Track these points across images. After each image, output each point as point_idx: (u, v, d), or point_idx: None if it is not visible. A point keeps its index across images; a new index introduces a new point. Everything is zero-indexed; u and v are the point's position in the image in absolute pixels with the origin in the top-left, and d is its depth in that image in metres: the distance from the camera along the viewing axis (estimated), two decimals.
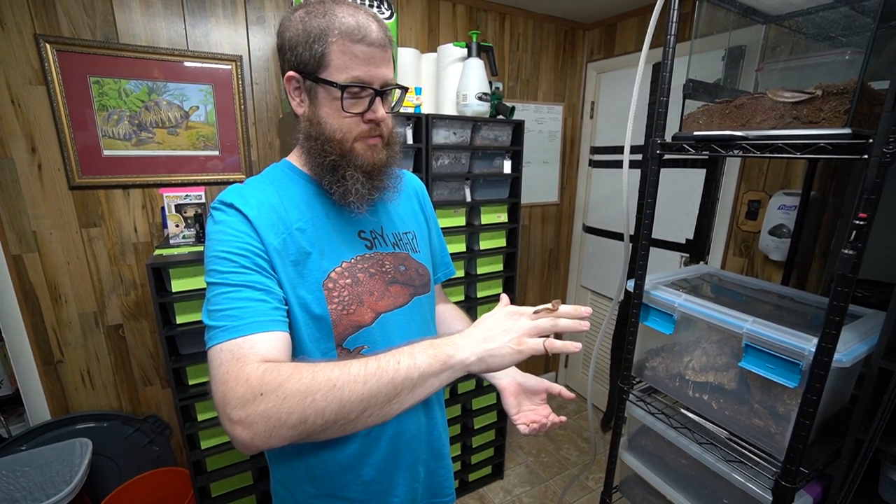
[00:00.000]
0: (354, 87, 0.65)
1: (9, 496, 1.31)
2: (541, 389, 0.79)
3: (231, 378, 0.53)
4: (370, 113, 0.67)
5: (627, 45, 2.27)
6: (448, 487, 0.89)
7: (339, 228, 0.73)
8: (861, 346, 0.84)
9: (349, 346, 0.71)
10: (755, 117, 0.91)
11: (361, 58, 0.64)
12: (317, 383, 0.52)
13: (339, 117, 0.67)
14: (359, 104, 0.67)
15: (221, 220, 0.65)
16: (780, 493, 0.86)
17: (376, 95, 0.67)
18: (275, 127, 1.77)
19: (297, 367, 0.54)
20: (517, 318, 0.60)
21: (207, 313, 0.61)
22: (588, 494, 2.06)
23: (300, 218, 0.69)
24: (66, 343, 1.57)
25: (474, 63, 1.66)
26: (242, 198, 0.66)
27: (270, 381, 0.52)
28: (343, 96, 0.65)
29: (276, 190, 0.70)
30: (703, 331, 1.10)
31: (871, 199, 0.69)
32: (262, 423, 0.51)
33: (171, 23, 1.53)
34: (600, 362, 2.59)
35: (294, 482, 0.75)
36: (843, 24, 0.94)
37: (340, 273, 0.71)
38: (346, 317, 0.70)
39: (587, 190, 2.66)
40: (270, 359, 0.56)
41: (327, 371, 0.54)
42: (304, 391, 0.52)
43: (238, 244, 0.62)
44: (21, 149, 1.41)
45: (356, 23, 0.64)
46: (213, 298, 0.61)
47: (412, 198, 0.89)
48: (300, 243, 0.68)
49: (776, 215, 1.54)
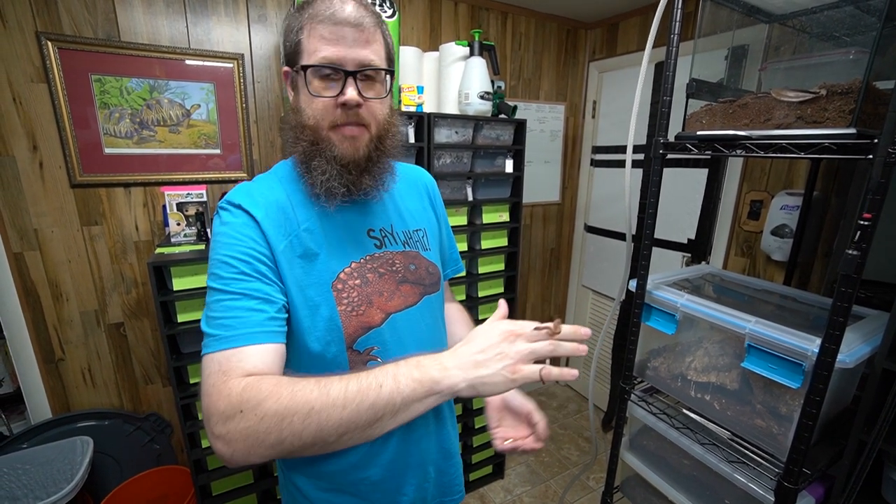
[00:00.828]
0: (325, 69, 0.62)
1: (10, 494, 1.31)
2: (523, 413, 0.77)
3: (215, 392, 0.53)
4: (341, 96, 0.64)
5: (629, 45, 2.27)
6: (458, 485, 0.88)
7: (347, 227, 0.72)
8: (864, 347, 0.84)
9: (359, 347, 0.70)
10: (759, 117, 0.91)
11: (329, 38, 0.62)
12: (294, 405, 0.51)
13: (311, 102, 0.65)
14: (330, 88, 0.64)
15: (228, 221, 0.64)
16: (783, 494, 0.86)
17: (347, 76, 0.63)
18: (276, 125, 1.77)
19: (277, 385, 0.52)
20: (513, 339, 0.56)
21: (206, 319, 0.61)
22: (588, 494, 2.06)
23: (308, 217, 0.68)
24: (67, 341, 1.57)
25: (476, 62, 1.66)
26: (250, 197, 0.65)
27: (249, 399, 0.51)
28: (307, 78, 0.63)
29: (284, 188, 0.69)
30: (705, 331, 1.10)
31: (875, 200, 0.69)
32: (240, 442, 0.51)
33: (173, 21, 1.53)
34: (601, 362, 2.59)
35: (304, 477, 0.75)
36: (847, 23, 0.94)
37: (349, 274, 0.70)
38: (356, 318, 0.69)
39: (588, 189, 2.66)
40: (256, 372, 0.55)
41: (306, 392, 0.52)
42: (282, 413, 0.51)
43: (241, 248, 0.62)
44: (22, 147, 1.41)
45: (327, 4, 0.62)
46: (212, 304, 0.61)
47: (423, 194, 0.87)
48: (308, 244, 0.67)
49: (778, 215, 1.54)
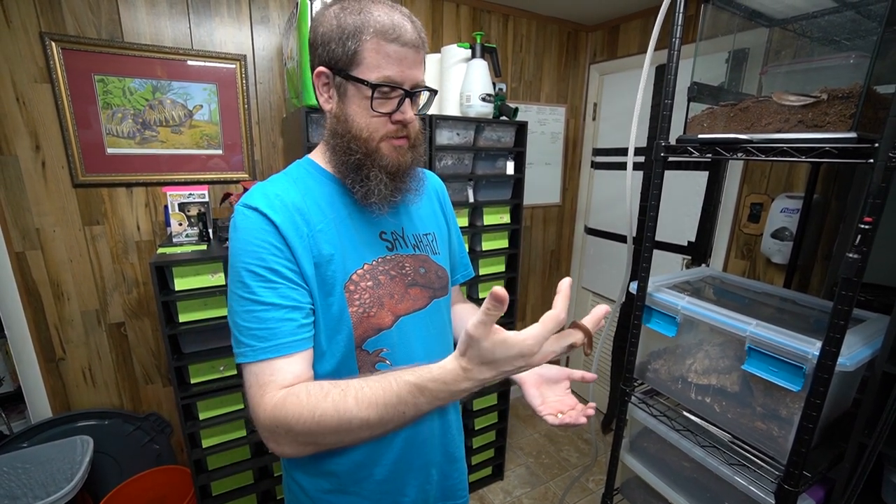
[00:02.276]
0: (385, 87, 0.65)
1: (10, 493, 1.31)
2: (562, 378, 0.76)
3: (255, 404, 0.61)
4: (399, 114, 0.67)
5: (630, 47, 2.27)
6: (462, 490, 0.88)
7: (360, 229, 0.73)
8: (865, 350, 0.84)
9: (368, 347, 0.71)
10: (760, 120, 0.91)
11: (394, 57, 0.64)
12: (320, 429, 0.58)
13: (367, 116, 0.66)
14: (388, 104, 0.66)
15: (246, 227, 0.64)
16: (783, 497, 0.86)
17: (406, 96, 0.66)
18: (278, 126, 1.77)
19: (300, 410, 0.58)
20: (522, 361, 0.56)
21: (235, 326, 0.63)
22: (588, 496, 2.05)
23: (322, 219, 0.69)
24: (68, 340, 1.58)
25: (478, 64, 1.66)
26: (267, 199, 0.65)
27: (281, 424, 0.59)
28: (373, 95, 0.64)
29: (299, 189, 0.69)
30: (706, 333, 1.10)
31: (876, 204, 0.69)
32: (279, 447, 0.61)
33: (176, 22, 1.53)
34: (600, 364, 2.59)
35: (307, 477, 0.75)
36: (848, 27, 0.94)
37: (362, 275, 0.70)
38: (367, 319, 0.70)
39: (589, 192, 2.66)
40: (289, 383, 0.62)
41: (327, 419, 0.57)
42: (310, 436, 0.59)
43: (266, 255, 0.63)
44: (25, 146, 1.41)
45: (391, 22, 0.63)
46: (241, 312, 0.62)
47: (433, 198, 0.88)
48: (322, 245, 0.67)
49: (779, 218, 1.54)
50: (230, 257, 0.65)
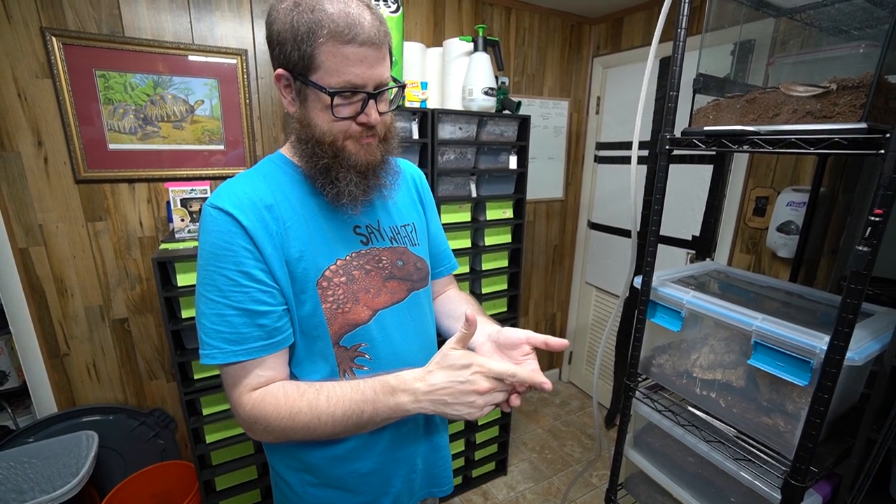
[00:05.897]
0: (346, 92, 0.62)
1: (17, 487, 1.32)
2: (520, 341, 0.70)
3: (233, 402, 0.66)
4: (363, 116, 0.64)
5: (634, 40, 2.25)
6: (447, 477, 0.88)
7: (333, 224, 0.71)
8: (874, 345, 0.83)
9: (346, 343, 0.70)
10: (767, 112, 0.90)
11: (353, 59, 0.60)
12: (294, 425, 0.64)
13: (329, 121, 0.64)
14: (351, 108, 0.64)
15: (213, 229, 0.62)
16: (790, 492, 0.85)
17: (369, 98, 0.63)
18: (280, 121, 1.76)
19: (277, 408, 0.64)
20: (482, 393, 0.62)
21: (202, 327, 0.62)
22: (592, 491, 2.05)
23: (293, 216, 0.67)
24: (72, 336, 1.58)
25: (480, 58, 1.65)
26: (235, 199, 0.63)
27: (258, 420, 0.64)
28: (333, 102, 0.62)
29: (269, 186, 0.68)
30: (711, 328, 1.09)
31: (887, 196, 0.68)
32: (256, 437, 0.68)
33: (177, 16, 1.53)
34: (604, 359, 2.58)
35: (292, 472, 0.76)
36: (857, 16, 0.92)
37: (335, 271, 0.69)
38: (342, 315, 0.69)
39: (592, 186, 2.64)
40: (264, 383, 0.65)
41: (301, 416, 0.64)
42: (285, 431, 0.65)
43: (234, 258, 0.61)
44: (27, 142, 1.41)
45: (346, 18, 0.58)
46: (211, 315, 0.61)
47: (410, 188, 0.86)
48: (292, 243, 0.66)
49: (784, 212, 1.53)
50: (199, 259, 0.64)
